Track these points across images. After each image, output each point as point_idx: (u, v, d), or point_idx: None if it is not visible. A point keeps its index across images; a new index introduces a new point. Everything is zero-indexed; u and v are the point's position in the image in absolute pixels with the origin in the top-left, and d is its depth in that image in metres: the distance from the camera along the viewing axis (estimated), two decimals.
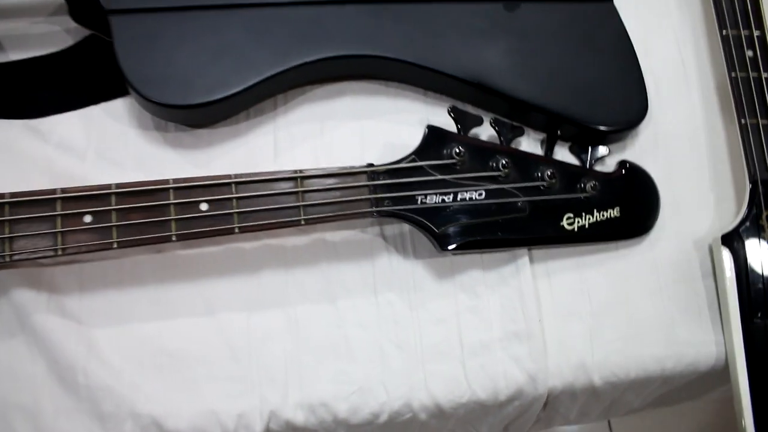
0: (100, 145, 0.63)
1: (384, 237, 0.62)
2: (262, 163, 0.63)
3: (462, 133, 0.60)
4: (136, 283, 0.59)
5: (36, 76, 0.65)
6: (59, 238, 0.53)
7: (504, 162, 0.59)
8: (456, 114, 0.60)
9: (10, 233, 0.53)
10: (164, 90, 0.59)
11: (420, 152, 0.58)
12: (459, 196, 0.58)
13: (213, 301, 0.58)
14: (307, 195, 0.56)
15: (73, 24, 0.67)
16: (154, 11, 0.61)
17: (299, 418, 0.56)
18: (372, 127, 0.65)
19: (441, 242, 0.57)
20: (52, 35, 0.67)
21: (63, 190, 0.54)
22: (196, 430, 0.55)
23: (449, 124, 0.60)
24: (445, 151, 0.58)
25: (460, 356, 0.59)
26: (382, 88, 0.67)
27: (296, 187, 0.56)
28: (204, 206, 0.55)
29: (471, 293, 0.60)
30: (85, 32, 0.67)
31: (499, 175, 0.59)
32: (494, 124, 0.61)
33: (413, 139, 0.60)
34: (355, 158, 0.63)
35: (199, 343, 0.57)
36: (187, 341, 0.57)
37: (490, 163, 0.59)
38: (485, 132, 0.63)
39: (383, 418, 0.57)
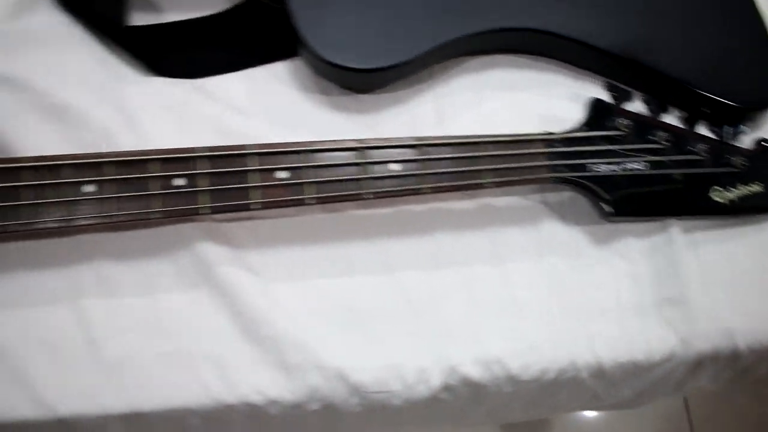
0: (266, 106, 0.64)
1: (546, 204, 0.64)
2: (425, 130, 0.64)
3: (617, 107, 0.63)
4: (313, 240, 0.60)
5: (197, 37, 0.66)
6: (259, 193, 0.55)
7: (664, 136, 0.62)
8: (613, 89, 0.63)
9: (210, 185, 0.55)
10: (343, 54, 0.61)
11: (589, 123, 0.61)
12: (624, 166, 0.61)
13: (390, 259, 0.60)
14: (488, 159, 0.58)
15: None
16: None
17: (475, 373, 0.59)
18: (525, 99, 0.67)
19: (606, 209, 0.60)
20: None
21: (258, 146, 0.56)
22: (378, 383, 0.57)
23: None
24: (610, 123, 0.61)
25: (619, 318, 0.62)
26: (531, 62, 0.69)
27: (478, 151, 0.58)
28: (396, 167, 0.57)
29: (627, 259, 0.63)
30: None
31: (659, 148, 0.62)
32: (645, 100, 0.64)
33: (565, 111, 0.64)
34: (512, 129, 0.65)
35: (379, 299, 0.59)
36: (367, 297, 0.59)
37: (650, 137, 0.62)
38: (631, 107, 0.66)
39: (550, 375, 0.60)
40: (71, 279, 0.58)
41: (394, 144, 0.57)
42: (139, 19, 0.66)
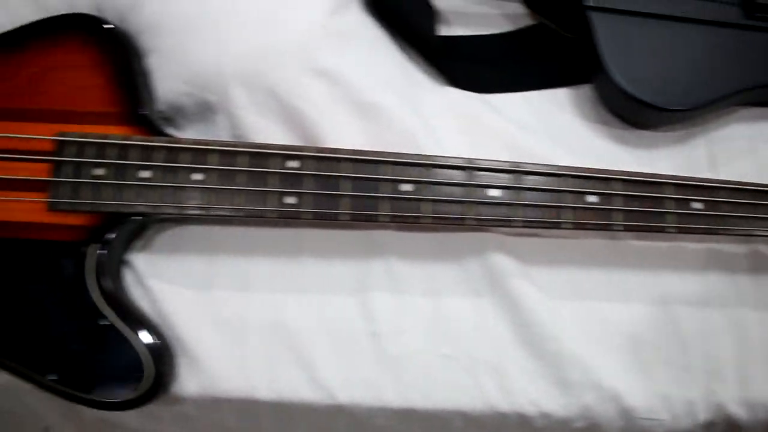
0: (550, 129, 0.66)
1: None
2: (698, 173, 0.65)
3: None
4: (593, 263, 0.63)
5: (485, 53, 0.69)
6: (570, 214, 0.57)
7: None
8: None
9: (522, 201, 0.57)
10: (647, 90, 0.63)
11: None
12: None
13: (664, 292, 0.62)
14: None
15: (512, 10, 0.71)
16: (632, 14, 0.65)
17: (740, 414, 0.60)
18: None
19: None
20: (492, 17, 0.71)
21: (570, 168, 0.58)
22: (648, 410, 0.59)
23: None
24: None
25: None
26: None
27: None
28: (697, 205, 0.59)
29: None
30: (526, 19, 0.71)
31: None
32: None
33: None
34: None
35: (652, 328, 0.61)
36: (641, 325, 0.61)
37: None
38: None
39: None
40: (361, 272, 0.61)
41: (691, 182, 0.59)
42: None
